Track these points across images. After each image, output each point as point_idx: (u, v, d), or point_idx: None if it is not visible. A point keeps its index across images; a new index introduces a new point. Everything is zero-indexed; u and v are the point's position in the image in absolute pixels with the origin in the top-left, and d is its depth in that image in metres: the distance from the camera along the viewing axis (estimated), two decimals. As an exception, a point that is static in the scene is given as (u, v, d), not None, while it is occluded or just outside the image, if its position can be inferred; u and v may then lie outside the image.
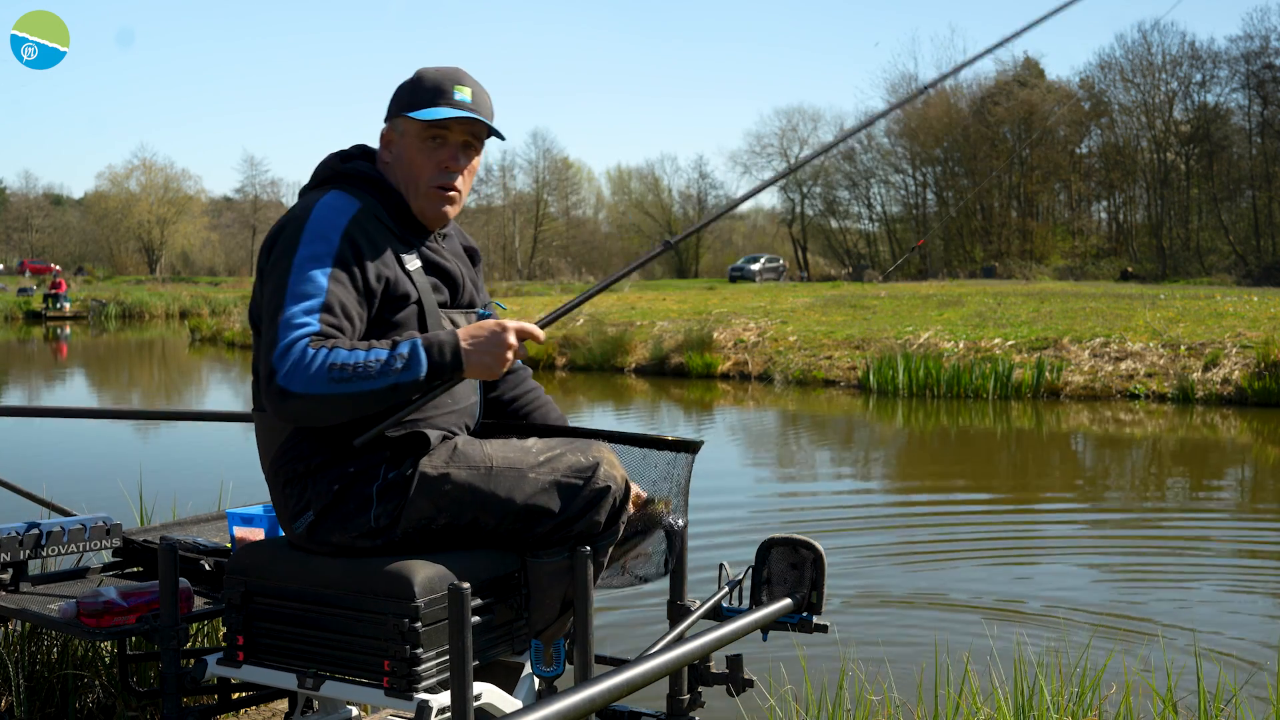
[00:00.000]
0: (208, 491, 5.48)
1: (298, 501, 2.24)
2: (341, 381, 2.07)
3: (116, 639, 2.53)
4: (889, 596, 5.72)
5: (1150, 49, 52.35)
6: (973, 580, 6.11)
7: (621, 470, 2.37)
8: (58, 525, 2.74)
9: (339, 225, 2.22)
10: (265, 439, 2.30)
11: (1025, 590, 5.91)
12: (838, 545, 6.53)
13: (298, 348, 2.08)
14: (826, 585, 2.62)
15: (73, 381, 19.93)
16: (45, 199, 78.01)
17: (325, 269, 2.17)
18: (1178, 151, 52.49)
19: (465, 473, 2.25)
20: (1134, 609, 5.51)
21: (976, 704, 3.16)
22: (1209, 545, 7.14)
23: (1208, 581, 6.16)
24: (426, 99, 2.34)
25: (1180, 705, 3.22)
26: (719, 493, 8.56)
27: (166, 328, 37.52)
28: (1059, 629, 4.62)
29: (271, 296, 2.18)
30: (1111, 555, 6.92)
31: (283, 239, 2.24)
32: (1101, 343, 16.00)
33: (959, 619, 5.20)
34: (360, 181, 2.35)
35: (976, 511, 8.24)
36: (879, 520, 7.87)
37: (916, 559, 6.67)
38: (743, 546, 2.75)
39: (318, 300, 2.14)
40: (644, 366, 18.66)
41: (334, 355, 2.09)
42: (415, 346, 2.14)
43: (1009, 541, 7.25)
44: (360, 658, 2.16)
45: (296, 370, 2.07)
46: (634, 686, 1.88)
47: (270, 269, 2.23)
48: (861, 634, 4.61)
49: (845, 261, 59.88)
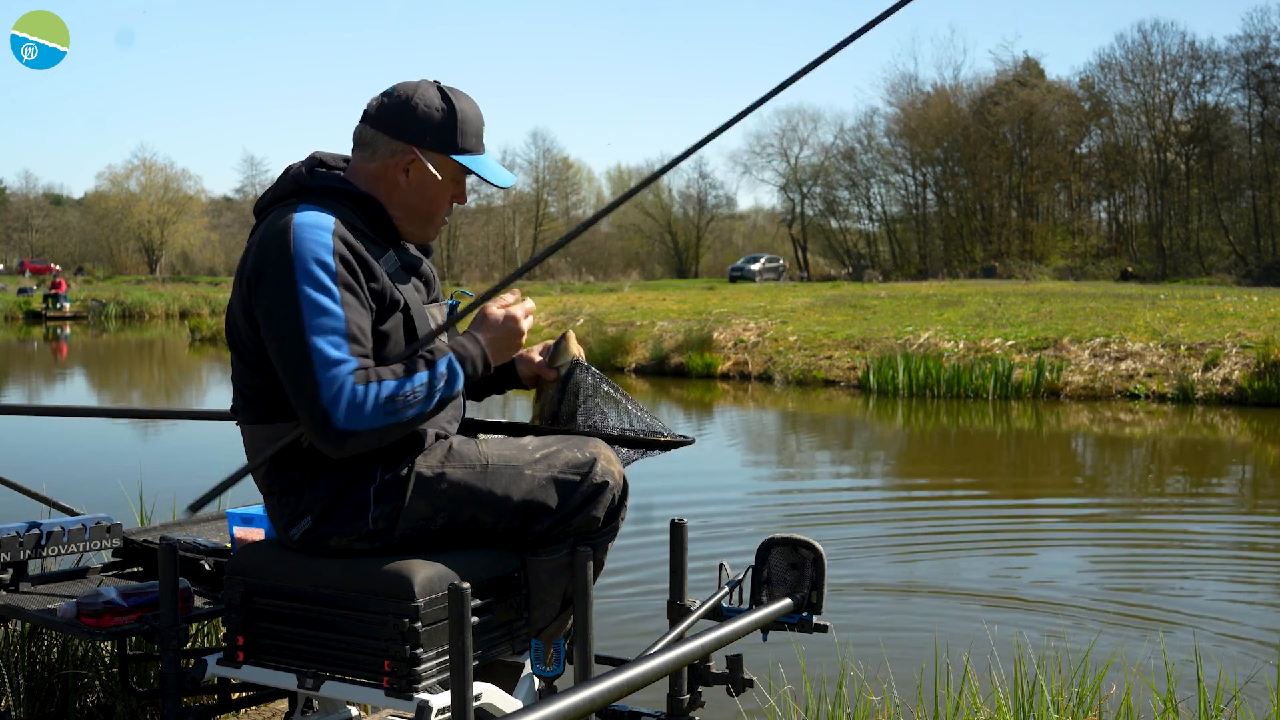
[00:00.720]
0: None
1: (294, 509, 2.23)
2: (395, 413, 2.13)
3: (116, 639, 2.52)
4: (889, 596, 5.72)
5: (1150, 49, 52.41)
6: (973, 580, 6.12)
7: (619, 466, 2.38)
8: (58, 525, 2.74)
9: (327, 244, 2.16)
10: (256, 449, 2.29)
11: (1025, 590, 5.91)
12: (838, 545, 6.54)
13: (347, 388, 2.09)
14: (827, 585, 2.62)
15: (73, 381, 19.93)
16: (45, 199, 78.02)
17: (334, 294, 2.14)
18: (1178, 151, 52.48)
19: (461, 471, 2.25)
20: (1134, 608, 5.52)
21: (976, 704, 3.16)
22: (1209, 544, 7.15)
23: (1208, 581, 6.16)
24: (471, 144, 2.33)
25: (1181, 705, 3.22)
26: (719, 492, 8.57)
27: (166, 328, 37.52)
28: (1059, 629, 4.62)
29: (288, 332, 2.12)
30: (1112, 555, 6.92)
31: (272, 267, 2.16)
32: (1101, 343, 16.00)
33: (959, 619, 5.21)
34: (328, 194, 2.28)
35: (977, 511, 8.25)
36: (879, 520, 7.87)
37: (917, 558, 6.67)
38: (743, 546, 2.75)
39: (340, 331, 2.12)
40: (644, 366, 18.66)
41: (383, 388, 2.12)
42: (450, 362, 2.22)
43: (1009, 541, 7.25)
44: (360, 658, 2.16)
45: (353, 410, 2.09)
46: (634, 686, 1.88)
47: (269, 300, 2.15)
48: (861, 634, 4.61)
49: (845, 261, 59.88)
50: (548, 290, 40.20)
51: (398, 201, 2.32)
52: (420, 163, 2.30)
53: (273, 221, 2.22)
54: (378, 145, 2.31)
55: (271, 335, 2.15)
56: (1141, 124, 53.41)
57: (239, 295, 2.23)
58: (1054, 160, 54.75)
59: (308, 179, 2.29)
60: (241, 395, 2.29)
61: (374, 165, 2.31)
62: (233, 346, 2.28)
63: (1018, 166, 54.93)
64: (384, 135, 2.30)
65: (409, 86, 2.34)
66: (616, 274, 58.16)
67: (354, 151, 2.36)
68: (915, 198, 59.45)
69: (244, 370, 2.27)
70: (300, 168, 2.32)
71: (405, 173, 2.31)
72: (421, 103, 2.30)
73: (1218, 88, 52.21)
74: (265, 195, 2.34)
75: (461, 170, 2.34)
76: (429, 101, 2.30)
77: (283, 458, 2.24)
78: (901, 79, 60.28)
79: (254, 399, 2.26)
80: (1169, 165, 52.46)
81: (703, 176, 67.26)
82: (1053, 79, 57.08)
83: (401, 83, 2.36)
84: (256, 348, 2.22)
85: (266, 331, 2.16)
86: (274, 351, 2.15)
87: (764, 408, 15.18)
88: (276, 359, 2.15)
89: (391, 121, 2.30)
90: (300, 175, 2.30)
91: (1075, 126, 54.64)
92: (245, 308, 2.21)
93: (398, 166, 2.31)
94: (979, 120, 54.70)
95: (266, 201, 2.33)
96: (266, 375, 2.22)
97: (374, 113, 2.32)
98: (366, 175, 2.32)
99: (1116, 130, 54.46)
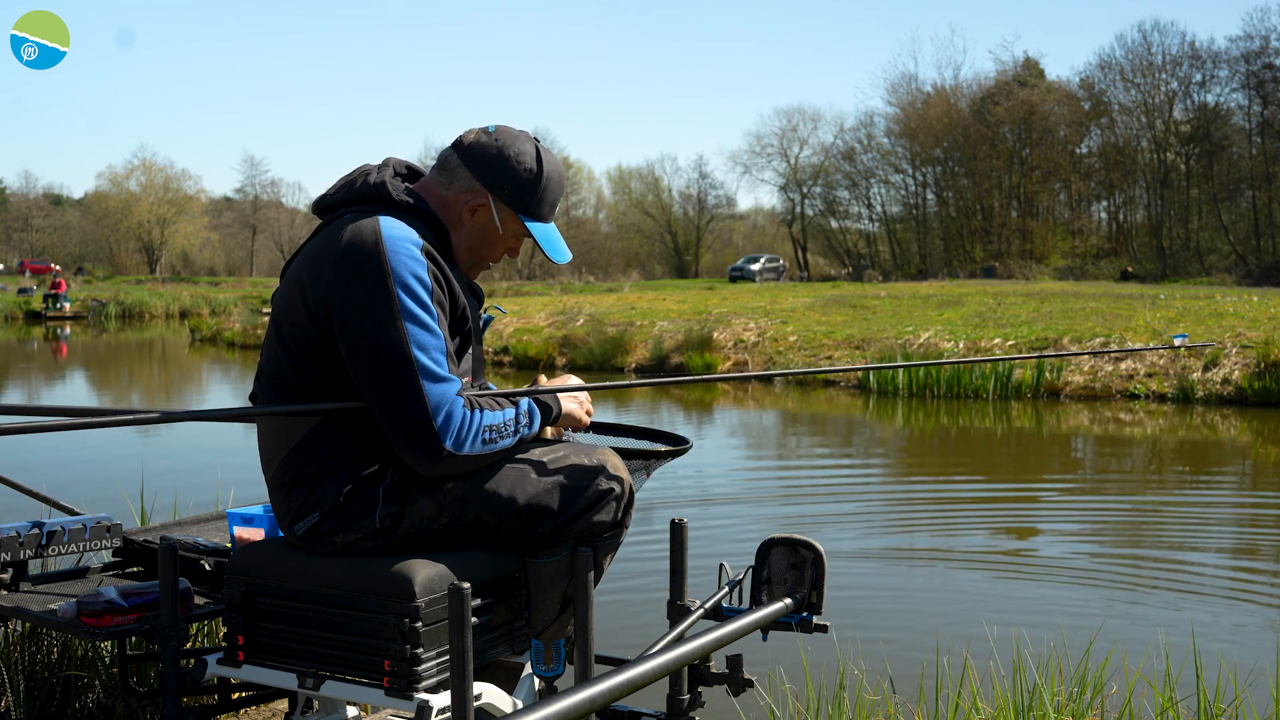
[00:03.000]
0: (208, 491, 5.49)
1: (303, 503, 2.24)
2: (490, 442, 2.22)
3: (116, 639, 2.52)
4: (889, 595, 5.72)
5: (1150, 49, 52.43)
6: (973, 579, 6.12)
7: (626, 474, 2.39)
8: (58, 525, 2.74)
9: (420, 260, 2.18)
10: (272, 442, 2.29)
11: (1026, 589, 5.91)
12: (838, 545, 6.54)
13: (459, 411, 2.16)
14: (827, 585, 2.62)
15: (73, 381, 19.93)
16: (45, 199, 78.01)
17: (430, 311, 2.17)
18: (1178, 151, 52.49)
19: (468, 473, 2.26)
20: (1135, 608, 5.52)
21: (977, 704, 3.16)
22: (1209, 544, 7.14)
23: (1208, 580, 6.16)
24: (543, 213, 2.38)
25: (1181, 705, 3.22)
26: (719, 492, 8.57)
27: (166, 328, 37.50)
28: (1059, 629, 4.62)
29: (386, 341, 2.13)
30: (1112, 554, 6.91)
31: (363, 273, 2.15)
32: (1101, 343, 16.00)
33: (959, 619, 5.20)
34: (405, 208, 2.29)
35: (977, 510, 8.25)
36: (880, 519, 7.87)
37: (918, 557, 6.68)
38: (743, 546, 2.75)
39: (440, 349, 2.16)
40: (644, 366, 18.66)
41: (485, 418, 2.21)
42: (531, 406, 2.32)
43: (1009, 540, 7.25)
44: (360, 658, 2.16)
45: (462, 434, 2.17)
46: (634, 686, 1.88)
47: (363, 304, 2.14)
48: (862, 634, 4.61)
49: (845, 261, 59.89)
50: (548, 290, 40.21)
51: (458, 235, 2.36)
52: (489, 209, 2.34)
53: (358, 226, 2.22)
54: (457, 177, 2.34)
55: (364, 344, 2.15)
56: (1141, 124, 53.43)
57: (299, 289, 2.22)
58: (1054, 160, 54.75)
59: (388, 190, 2.30)
60: (271, 386, 2.28)
61: (447, 194, 2.35)
62: (277, 337, 2.26)
63: (1018, 166, 54.93)
64: (466, 170, 2.33)
65: (509, 134, 2.36)
66: (616, 274, 58.18)
67: (433, 171, 2.39)
68: (915, 198, 59.48)
69: (283, 361, 2.25)
70: (380, 176, 2.33)
71: (472, 212, 2.34)
72: (513, 155, 2.33)
73: (1218, 88, 52.30)
74: (335, 194, 2.34)
75: (524, 231, 2.38)
76: (521, 158, 2.34)
77: (298, 452, 2.24)
78: (901, 79, 60.33)
79: (284, 390, 2.26)
80: (1169, 165, 52.47)
81: (703, 176, 67.52)
82: (1053, 79, 57.16)
83: (504, 126, 2.38)
84: (309, 342, 2.21)
85: (356, 338, 2.15)
86: (366, 359, 2.15)
87: (764, 408, 15.18)
88: (369, 368, 2.15)
89: (479, 161, 2.33)
90: (382, 185, 2.30)
91: (1075, 126, 54.65)
92: (310, 302, 2.20)
93: (468, 205, 2.34)
94: (979, 120, 54.71)
95: (338, 200, 2.33)
96: (306, 371, 2.22)
97: (466, 145, 2.35)
98: (437, 200, 2.35)
99: (1116, 130, 54.49)
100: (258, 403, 2.33)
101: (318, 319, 2.19)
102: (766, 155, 63.62)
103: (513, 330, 21.35)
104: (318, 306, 2.19)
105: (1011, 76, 56.05)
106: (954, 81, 60.23)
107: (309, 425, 2.24)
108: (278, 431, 2.27)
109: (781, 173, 63.40)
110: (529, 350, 19.83)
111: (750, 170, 77.99)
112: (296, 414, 2.24)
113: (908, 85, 60.03)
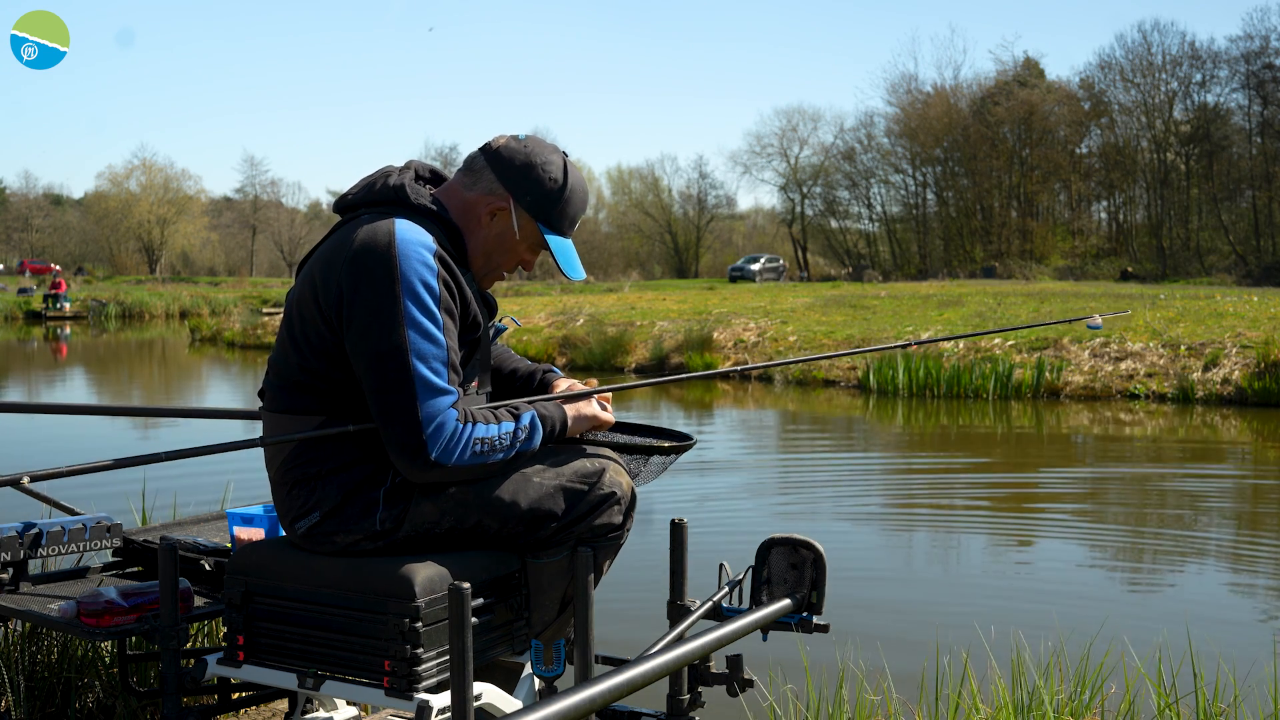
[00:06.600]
0: (208, 491, 5.49)
1: (304, 503, 2.24)
2: (481, 455, 2.20)
3: (116, 639, 2.53)
4: (890, 595, 5.72)
5: (1150, 49, 52.43)
6: (973, 579, 6.12)
7: (628, 479, 2.39)
8: (58, 525, 2.74)
9: (431, 266, 2.17)
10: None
11: (1027, 589, 5.91)
12: (838, 544, 6.54)
13: (450, 423, 2.15)
14: (827, 585, 2.62)
15: (73, 381, 19.93)
16: (45, 199, 77.94)
17: (436, 319, 2.16)
18: (1178, 151, 52.48)
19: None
20: (1134, 608, 5.52)
21: (977, 704, 3.16)
22: (1209, 544, 7.14)
23: (1208, 579, 6.16)
24: (562, 226, 2.38)
25: (1180, 705, 3.22)
26: (719, 492, 8.57)
27: (166, 328, 37.51)
28: (1059, 628, 4.61)
29: (388, 347, 2.13)
30: (1113, 554, 6.92)
31: (373, 276, 2.15)
32: (1101, 343, 15.99)
33: (960, 619, 5.20)
34: (423, 212, 2.29)
35: (978, 511, 8.24)
36: (880, 519, 7.87)
37: (918, 557, 6.68)
38: (743, 546, 2.75)
39: (441, 358, 2.16)
40: (644, 366, 18.66)
41: (477, 430, 2.19)
42: (534, 419, 2.29)
43: (1010, 540, 7.25)
44: (360, 658, 2.16)
45: (450, 446, 2.16)
46: (634, 686, 1.88)
47: (370, 307, 2.14)
48: (862, 634, 4.61)
49: (845, 261, 59.88)
50: (548, 290, 40.20)
51: (475, 238, 2.35)
52: (509, 214, 2.34)
53: (373, 228, 2.21)
54: (481, 178, 2.35)
55: (366, 347, 2.15)
56: (1141, 124, 53.43)
57: (312, 286, 2.22)
58: (1054, 160, 54.75)
59: (407, 193, 2.29)
60: (279, 382, 2.28)
61: (470, 195, 2.35)
62: (289, 333, 2.27)
63: (1018, 166, 54.93)
64: (491, 173, 2.34)
65: (539, 144, 2.38)
66: (616, 274, 58.15)
67: (459, 172, 2.40)
68: (915, 198, 59.47)
69: (292, 358, 2.25)
70: (400, 178, 2.33)
71: (492, 215, 2.34)
72: (540, 163, 2.34)
73: (1218, 88, 52.28)
74: (355, 194, 2.34)
75: (541, 242, 2.37)
76: (548, 167, 2.35)
77: (301, 451, 2.25)
78: (901, 79, 60.30)
79: (293, 389, 2.26)
80: (1169, 165, 52.46)
81: (703, 176, 67.46)
82: (1053, 79, 57.16)
83: (535, 136, 2.41)
84: (320, 340, 2.21)
85: (360, 340, 2.16)
86: (367, 363, 2.15)
87: (764, 408, 15.18)
88: (368, 371, 2.16)
89: (505, 165, 2.34)
90: (401, 188, 2.30)
91: (1075, 126, 54.64)
92: (322, 303, 2.20)
93: (489, 207, 2.34)
94: (979, 120, 54.70)
95: (357, 201, 2.33)
96: (315, 371, 2.23)
97: (494, 149, 2.36)
98: (459, 201, 2.35)
99: (1116, 130, 54.48)
100: (266, 398, 2.34)
101: (328, 318, 2.20)
102: (766, 155, 63.66)
103: (513, 330, 21.36)
104: (328, 305, 2.19)
105: (1011, 76, 56.05)
106: (954, 81, 60.27)
107: (313, 425, 2.24)
108: (281, 430, 2.28)
109: (781, 173, 63.43)
110: (529, 350, 19.82)
111: (750, 170, 78.04)
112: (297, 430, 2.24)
113: (908, 85, 60.06)
